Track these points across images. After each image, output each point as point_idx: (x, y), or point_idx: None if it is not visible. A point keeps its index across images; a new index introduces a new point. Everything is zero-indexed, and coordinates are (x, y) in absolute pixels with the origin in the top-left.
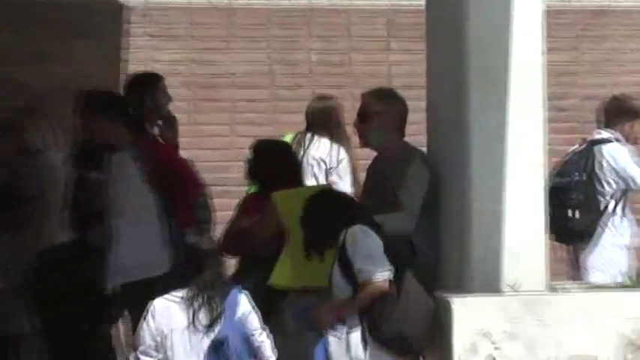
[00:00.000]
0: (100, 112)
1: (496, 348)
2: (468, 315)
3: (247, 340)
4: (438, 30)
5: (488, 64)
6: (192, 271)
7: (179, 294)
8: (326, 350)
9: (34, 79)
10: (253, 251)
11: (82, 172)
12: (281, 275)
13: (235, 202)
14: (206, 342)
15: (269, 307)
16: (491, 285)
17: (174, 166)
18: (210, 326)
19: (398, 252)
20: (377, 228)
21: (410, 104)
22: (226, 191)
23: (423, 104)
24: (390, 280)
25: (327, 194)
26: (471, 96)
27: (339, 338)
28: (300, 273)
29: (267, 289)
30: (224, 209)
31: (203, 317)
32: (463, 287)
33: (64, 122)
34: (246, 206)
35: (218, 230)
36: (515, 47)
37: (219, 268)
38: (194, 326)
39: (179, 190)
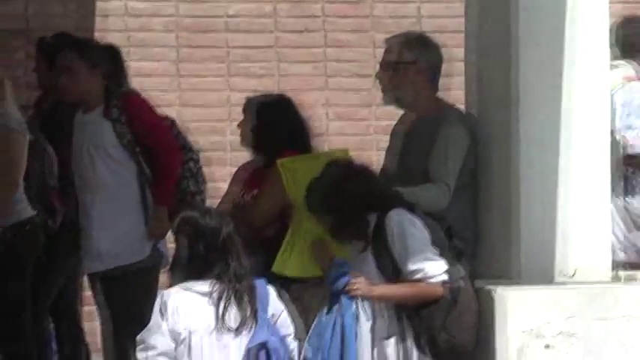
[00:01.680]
0: (78, 58)
1: (549, 351)
2: (516, 311)
3: (284, 344)
4: None
5: (540, 8)
6: (215, 260)
7: (199, 287)
8: (357, 319)
9: None
10: (253, 231)
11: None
12: (286, 261)
13: (231, 170)
14: (236, 347)
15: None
16: (543, 274)
17: (160, 128)
18: (239, 328)
19: (434, 235)
20: (413, 209)
21: (444, 52)
22: (220, 158)
23: (460, 52)
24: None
25: (350, 167)
26: (521, 42)
27: (369, 320)
28: (308, 260)
29: (269, 275)
30: (218, 179)
31: (231, 318)
32: (509, 277)
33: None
34: (245, 176)
35: (211, 206)
36: None
37: (243, 256)
38: (220, 328)
39: (164, 157)
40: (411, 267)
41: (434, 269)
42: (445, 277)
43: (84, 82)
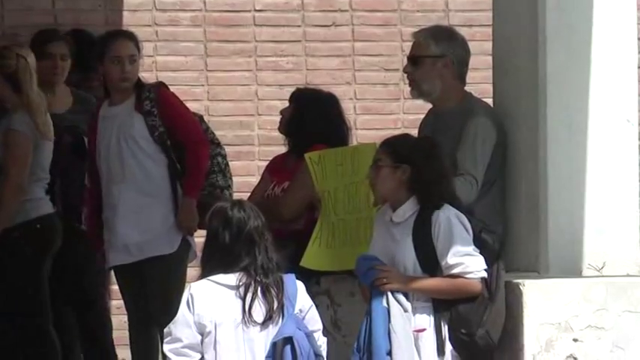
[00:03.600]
0: (136, 48)
1: (578, 344)
2: (544, 304)
3: (310, 339)
4: None
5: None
6: (241, 252)
7: (226, 280)
8: (388, 312)
9: (10, 14)
10: (281, 224)
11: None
12: (314, 255)
13: (259, 164)
14: (261, 341)
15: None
16: (571, 267)
17: (191, 122)
18: (266, 322)
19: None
20: (458, 203)
21: (472, 46)
22: (248, 152)
23: (489, 46)
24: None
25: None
26: (549, 36)
27: (403, 313)
28: (337, 254)
29: (298, 269)
30: (246, 174)
31: (257, 311)
32: (537, 270)
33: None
34: (275, 169)
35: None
36: None
37: (272, 250)
38: (247, 322)
39: (194, 151)
40: (451, 261)
41: (473, 265)
42: (484, 274)
43: (137, 72)
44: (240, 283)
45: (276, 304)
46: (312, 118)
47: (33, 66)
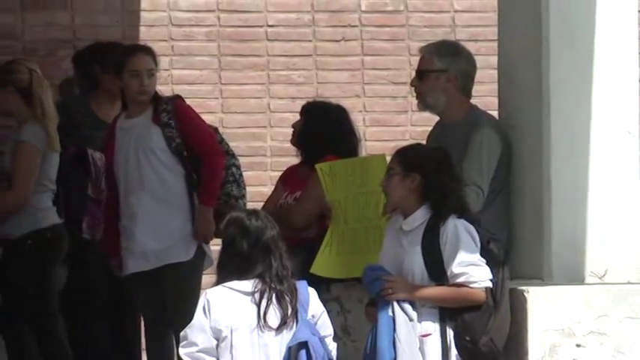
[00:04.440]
0: (154, 62)
1: (581, 349)
2: (547, 310)
3: (324, 344)
4: None
5: (572, 13)
6: (257, 259)
7: (241, 286)
8: (394, 322)
9: (31, 29)
10: (293, 232)
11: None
12: (325, 263)
13: (271, 174)
14: (276, 346)
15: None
16: (574, 275)
17: (206, 134)
18: (280, 327)
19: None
20: (469, 214)
21: (478, 60)
22: (260, 162)
23: (494, 60)
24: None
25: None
26: (552, 51)
27: (408, 322)
28: (347, 261)
29: (309, 276)
30: (258, 184)
31: (272, 317)
32: (540, 277)
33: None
34: (288, 179)
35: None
36: None
37: (286, 257)
38: (262, 327)
39: (210, 161)
40: (456, 270)
41: (478, 275)
42: (489, 284)
43: (155, 85)
44: (256, 290)
45: (290, 310)
46: (322, 130)
47: (43, 78)
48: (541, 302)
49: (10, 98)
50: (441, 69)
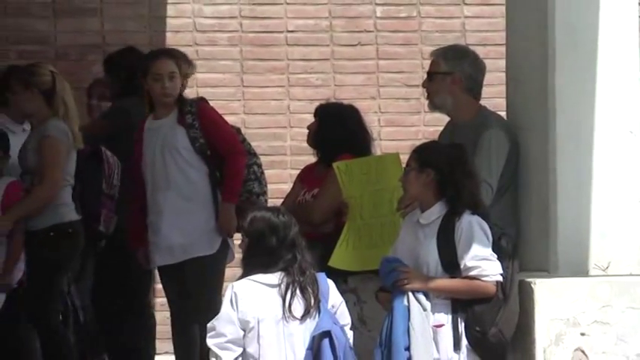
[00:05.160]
0: (176, 65)
1: (585, 338)
2: (554, 301)
3: (344, 332)
4: None
5: (576, 19)
6: (283, 254)
7: (266, 279)
8: (408, 311)
9: (62, 35)
10: (312, 228)
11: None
12: (342, 256)
13: (291, 172)
14: (300, 335)
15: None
16: (578, 267)
17: (229, 135)
18: (304, 317)
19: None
20: (483, 210)
21: (487, 63)
22: (281, 161)
23: (502, 63)
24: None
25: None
26: (557, 55)
27: (422, 312)
28: (363, 255)
29: (326, 269)
30: (278, 181)
31: (296, 308)
32: (547, 270)
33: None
34: (306, 177)
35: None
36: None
37: (307, 251)
38: (286, 317)
39: (232, 161)
40: (469, 264)
41: (489, 269)
42: (500, 278)
43: (178, 87)
44: (281, 282)
45: (313, 301)
46: (334, 129)
47: (64, 80)
48: (547, 293)
49: (33, 99)
50: (447, 71)
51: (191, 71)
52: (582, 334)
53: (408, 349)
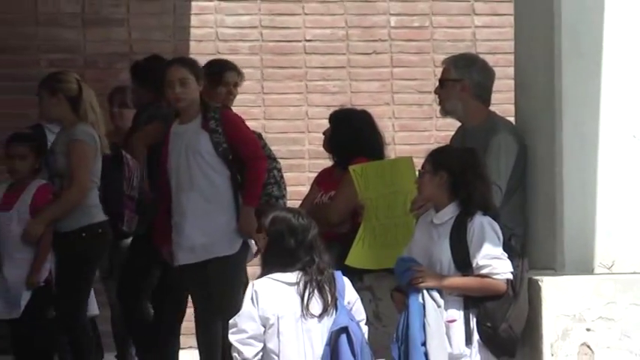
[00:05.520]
0: (189, 72)
1: (590, 333)
2: (560, 298)
3: (360, 328)
4: None
5: (582, 27)
6: (302, 255)
7: (285, 278)
8: (424, 308)
9: (91, 44)
10: (329, 228)
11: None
12: (358, 255)
13: (309, 175)
14: (318, 331)
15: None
16: (584, 265)
17: (251, 140)
18: (322, 315)
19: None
20: (494, 211)
21: (497, 71)
22: (299, 164)
23: (511, 71)
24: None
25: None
26: (564, 62)
27: (436, 308)
28: (378, 254)
29: (343, 267)
30: (297, 184)
31: (314, 305)
32: (553, 268)
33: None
34: (323, 180)
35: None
36: (612, 8)
37: (325, 252)
38: (304, 315)
39: (253, 165)
40: (481, 262)
41: (500, 268)
42: (510, 276)
43: (194, 93)
44: (299, 281)
45: (330, 299)
46: (346, 134)
47: (89, 87)
48: (554, 291)
49: (59, 105)
50: (456, 78)
51: (241, 80)
52: (588, 330)
53: (424, 344)
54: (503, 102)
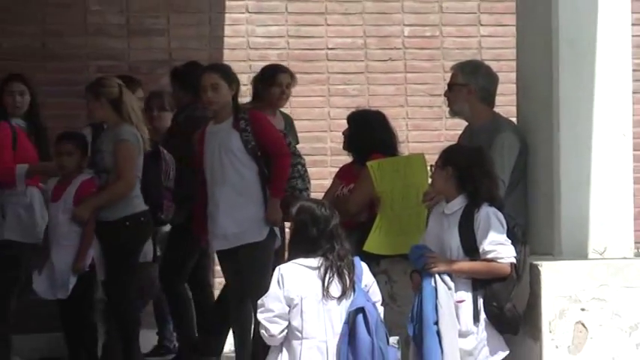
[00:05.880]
0: (221, 77)
1: (585, 313)
2: (558, 281)
3: (375, 308)
4: (529, 3)
5: (577, 36)
6: (323, 242)
7: (308, 263)
8: (436, 290)
9: (135, 52)
10: (349, 217)
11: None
12: (375, 242)
13: (331, 170)
14: (337, 311)
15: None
16: (579, 251)
17: (277, 138)
18: (341, 297)
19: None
20: (499, 202)
21: (500, 76)
22: (322, 160)
23: (513, 76)
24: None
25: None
26: (561, 69)
27: (447, 291)
28: (393, 241)
29: (362, 252)
30: (320, 178)
31: (334, 288)
32: (551, 253)
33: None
34: (343, 175)
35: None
36: (604, 20)
37: (345, 240)
38: (325, 296)
39: (279, 161)
40: (487, 248)
41: (504, 252)
42: (513, 260)
43: (225, 96)
44: (321, 266)
45: (348, 282)
46: (361, 133)
47: (129, 91)
48: (552, 274)
49: (102, 107)
50: (463, 83)
51: (293, 82)
52: (582, 310)
53: (436, 323)
54: (506, 104)
